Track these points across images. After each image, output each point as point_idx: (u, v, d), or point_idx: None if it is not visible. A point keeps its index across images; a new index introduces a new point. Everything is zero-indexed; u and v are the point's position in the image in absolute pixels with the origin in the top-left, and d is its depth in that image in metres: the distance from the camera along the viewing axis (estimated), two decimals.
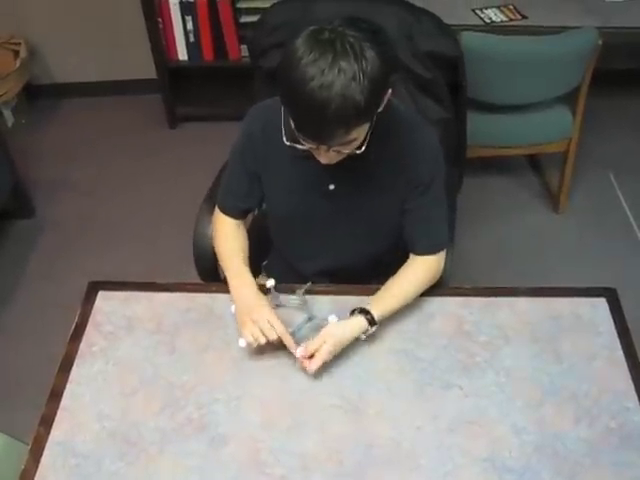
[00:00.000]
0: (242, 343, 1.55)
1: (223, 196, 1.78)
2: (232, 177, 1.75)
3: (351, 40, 1.29)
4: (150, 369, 1.56)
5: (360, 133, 1.41)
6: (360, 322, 1.56)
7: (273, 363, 1.57)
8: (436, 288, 1.71)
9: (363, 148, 1.46)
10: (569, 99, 2.86)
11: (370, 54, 1.30)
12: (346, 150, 1.44)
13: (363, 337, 1.58)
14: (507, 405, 1.48)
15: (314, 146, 1.42)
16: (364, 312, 1.57)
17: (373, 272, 1.83)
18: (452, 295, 1.71)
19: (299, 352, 1.52)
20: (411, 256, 1.70)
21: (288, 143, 1.48)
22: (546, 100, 2.84)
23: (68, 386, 1.53)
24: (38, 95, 3.93)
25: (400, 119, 1.61)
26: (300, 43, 1.31)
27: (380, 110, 1.43)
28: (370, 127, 1.44)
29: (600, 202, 3.26)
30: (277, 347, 1.56)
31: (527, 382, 1.52)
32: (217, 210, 1.79)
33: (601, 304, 1.68)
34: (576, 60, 2.64)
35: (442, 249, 1.70)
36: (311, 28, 1.33)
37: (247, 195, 1.74)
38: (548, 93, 2.79)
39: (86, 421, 1.47)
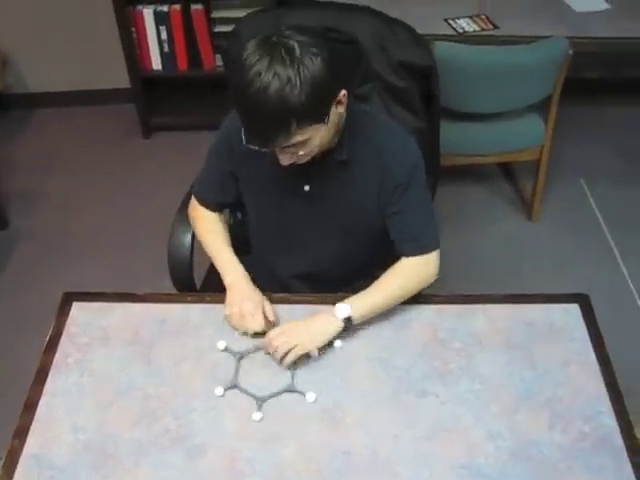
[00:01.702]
0: (221, 345, 1.57)
1: (199, 186, 1.82)
2: (209, 170, 1.79)
3: (292, 45, 1.35)
4: (126, 380, 1.55)
5: (311, 134, 1.42)
6: (325, 310, 1.59)
7: (250, 372, 1.56)
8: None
9: (344, 155, 1.54)
10: (541, 107, 2.89)
11: (312, 59, 1.35)
12: (302, 151, 1.45)
13: (334, 322, 1.58)
14: (482, 411, 1.49)
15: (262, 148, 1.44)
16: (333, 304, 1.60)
17: (352, 278, 1.84)
18: (427, 303, 1.72)
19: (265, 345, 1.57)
20: (401, 258, 1.70)
21: (246, 145, 1.49)
22: (518, 109, 2.87)
23: (43, 398, 1.52)
24: (10, 105, 3.89)
25: (377, 123, 1.66)
26: (249, 46, 1.37)
27: (339, 111, 1.48)
28: (330, 128, 1.47)
29: (572, 209, 3.29)
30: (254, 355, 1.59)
31: (502, 388, 1.53)
32: (193, 202, 1.82)
33: (574, 310, 1.70)
34: (548, 69, 2.67)
35: (430, 251, 1.69)
36: (265, 33, 1.38)
37: (221, 189, 1.77)
38: (520, 102, 2.83)
39: (61, 433, 1.45)
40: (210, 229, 1.79)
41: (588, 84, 3.67)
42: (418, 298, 1.72)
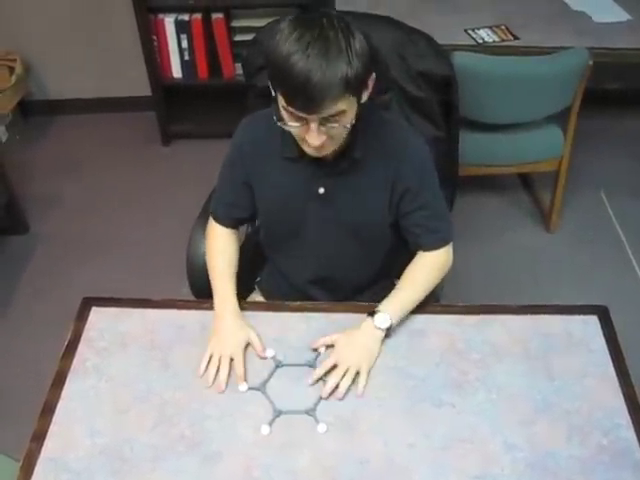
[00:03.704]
0: (265, 431, 1.48)
1: (215, 204, 1.81)
2: (223, 186, 1.79)
3: (337, 20, 1.39)
4: (143, 385, 1.55)
5: (348, 107, 1.43)
6: (367, 322, 1.60)
7: (266, 380, 1.57)
8: (428, 305, 1.71)
9: (359, 153, 1.56)
10: (560, 118, 2.88)
11: (356, 33, 1.40)
12: (334, 128, 1.45)
13: (379, 334, 1.60)
14: (499, 422, 1.48)
15: (304, 120, 1.43)
16: (371, 314, 1.61)
17: (368, 283, 1.86)
18: (444, 313, 1.71)
19: (316, 375, 1.55)
20: (418, 253, 1.73)
21: (280, 124, 1.50)
22: (537, 119, 2.86)
23: (60, 402, 1.52)
24: (33, 111, 3.94)
25: (388, 123, 1.68)
26: (285, 25, 1.40)
27: (364, 98, 1.49)
28: (358, 107, 1.48)
29: (592, 221, 3.27)
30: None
31: (519, 399, 1.52)
32: (210, 219, 1.82)
33: (593, 322, 1.69)
34: (567, 80, 2.66)
35: (448, 242, 1.74)
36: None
37: (237, 205, 1.77)
38: (539, 112, 2.82)
39: (78, 437, 1.46)
40: (219, 250, 1.77)
41: (608, 95, 3.67)
42: (435, 308, 1.72)
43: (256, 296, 1.98)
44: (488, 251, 3.10)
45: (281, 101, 1.45)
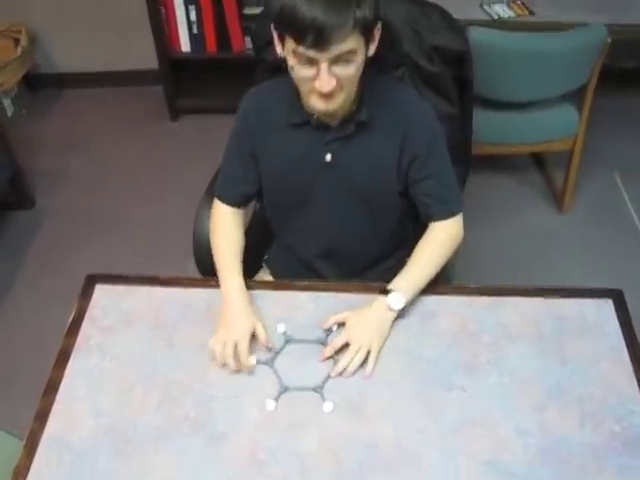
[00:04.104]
0: (270, 406, 1.45)
1: (220, 183, 1.78)
2: (229, 163, 1.76)
3: None
4: (147, 364, 1.53)
5: (357, 47, 1.42)
6: (379, 301, 1.57)
7: (275, 355, 1.54)
8: (440, 286, 1.68)
9: (365, 116, 1.57)
10: (575, 97, 2.83)
11: None
12: (344, 69, 1.43)
13: (391, 314, 1.57)
14: (511, 407, 1.45)
15: (314, 63, 1.41)
16: (384, 292, 1.58)
17: (376, 257, 1.84)
18: (456, 294, 1.67)
19: (327, 353, 1.53)
20: (430, 225, 1.71)
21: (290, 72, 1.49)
22: (552, 98, 2.81)
23: (64, 381, 1.50)
24: (39, 85, 3.91)
25: (396, 89, 1.68)
26: None
27: (370, 51, 1.49)
28: (365, 58, 1.47)
29: (605, 202, 3.23)
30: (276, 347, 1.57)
31: (531, 383, 1.49)
32: (215, 202, 1.78)
33: (607, 305, 1.65)
34: (584, 57, 2.61)
35: (458, 212, 1.72)
36: None
37: (244, 179, 1.74)
38: (555, 90, 2.76)
39: (82, 417, 1.44)
40: (222, 232, 1.73)
41: (625, 74, 3.59)
42: (446, 289, 1.69)
43: (264, 274, 1.95)
44: (499, 231, 3.06)
45: (289, 45, 1.42)
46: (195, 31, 3.43)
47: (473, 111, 2.08)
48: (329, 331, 1.59)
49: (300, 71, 1.45)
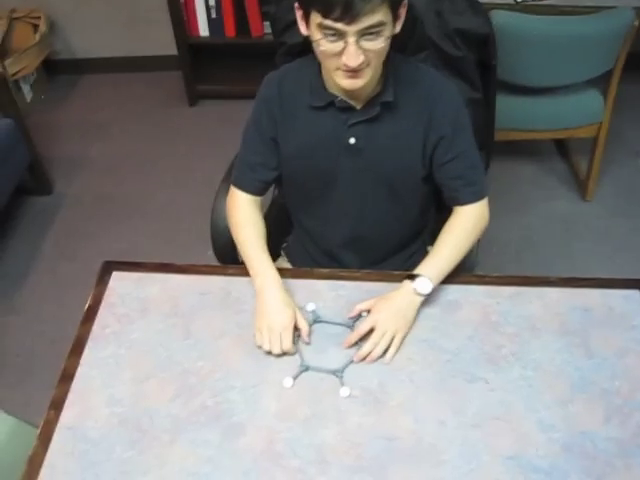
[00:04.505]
0: (288, 383, 1.45)
1: (239, 171, 1.74)
2: (248, 149, 1.72)
3: None
4: (164, 354, 1.51)
5: (386, 20, 1.38)
6: (406, 286, 1.54)
7: (287, 356, 1.51)
8: (462, 275, 1.64)
9: (391, 97, 1.54)
10: (600, 83, 2.78)
11: None
12: (373, 44, 1.40)
13: (418, 299, 1.55)
14: (534, 400, 1.41)
15: (342, 36, 1.37)
16: (410, 277, 1.55)
17: (399, 245, 1.82)
18: (479, 284, 1.64)
19: (352, 339, 1.51)
20: (455, 209, 1.67)
21: (314, 45, 1.45)
22: (577, 83, 2.75)
23: (79, 369, 1.48)
24: (57, 70, 3.91)
25: (420, 70, 1.64)
26: None
27: (398, 29, 1.46)
28: (386, 48, 1.44)
29: (629, 190, 3.17)
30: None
31: (556, 376, 1.45)
32: (232, 190, 1.74)
33: (634, 296, 1.61)
34: (610, 41, 2.55)
35: (484, 195, 1.68)
36: None
37: (263, 165, 1.70)
38: (580, 76, 2.71)
39: (97, 406, 1.42)
40: (245, 221, 1.69)
41: None
42: (469, 278, 1.65)
43: (282, 262, 1.92)
44: (521, 218, 3.02)
45: (316, 19, 1.38)
46: (214, 16, 3.41)
47: (496, 96, 2.04)
48: (357, 316, 1.57)
49: (326, 46, 1.41)
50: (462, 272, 1.65)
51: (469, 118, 1.65)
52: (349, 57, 1.39)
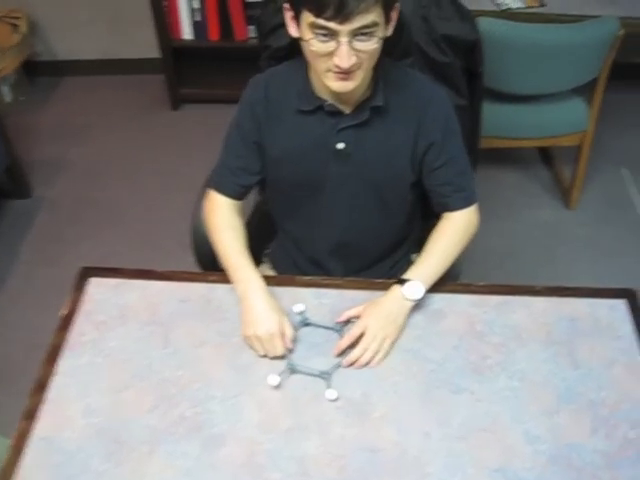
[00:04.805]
0: (273, 381, 1.42)
1: (218, 174, 1.71)
2: (229, 152, 1.68)
3: None
4: (142, 362, 1.47)
5: (379, 20, 1.37)
6: (395, 291, 1.52)
7: (273, 360, 1.48)
8: (447, 284, 1.62)
9: (381, 101, 1.52)
10: (585, 91, 2.77)
11: None
12: (365, 45, 1.38)
13: (408, 305, 1.53)
14: (520, 411, 1.39)
15: (334, 36, 1.35)
16: (399, 282, 1.53)
17: (384, 254, 1.80)
18: (464, 292, 1.62)
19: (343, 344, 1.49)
20: (445, 216, 1.66)
21: (305, 44, 1.42)
22: (562, 91, 2.75)
23: (55, 378, 1.44)
24: (38, 72, 3.85)
25: (410, 75, 1.63)
26: None
27: (390, 32, 1.44)
28: (377, 52, 1.42)
29: (612, 199, 3.17)
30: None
31: (542, 387, 1.43)
32: (211, 193, 1.71)
33: (621, 306, 1.59)
34: (596, 50, 2.55)
35: (475, 201, 1.68)
36: None
37: (245, 169, 1.66)
38: (565, 84, 2.71)
39: (73, 416, 1.38)
40: (224, 225, 1.65)
41: (634, 70, 3.54)
42: (454, 287, 1.63)
43: (264, 269, 1.89)
44: (505, 226, 3.01)
45: (307, 18, 1.36)
46: (198, 18, 3.38)
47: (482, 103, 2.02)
48: (344, 323, 1.54)
49: (317, 46, 1.38)
50: (447, 280, 1.63)
51: (458, 124, 1.64)
52: (341, 58, 1.37)
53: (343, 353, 1.48)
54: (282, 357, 1.47)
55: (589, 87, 2.72)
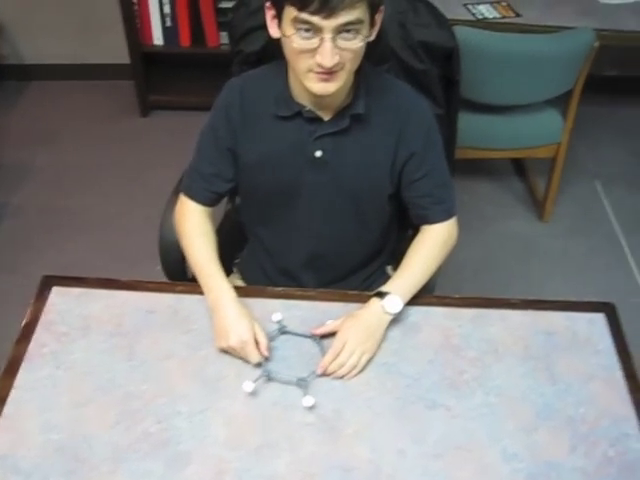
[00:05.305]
0: (248, 387, 1.37)
1: (190, 179, 1.66)
2: (201, 158, 1.63)
3: None
4: (105, 376, 1.41)
5: (364, 19, 1.34)
6: (374, 304, 1.48)
7: (242, 373, 1.42)
8: (422, 296, 1.58)
9: (361, 109, 1.49)
10: (560, 103, 2.77)
11: None
12: (349, 43, 1.34)
13: (387, 318, 1.49)
14: (498, 428, 1.35)
15: (317, 32, 1.31)
16: (378, 295, 1.49)
17: (359, 266, 1.76)
18: (439, 305, 1.58)
19: (327, 362, 1.43)
20: (423, 228, 1.63)
21: (286, 40, 1.37)
22: (537, 103, 2.74)
23: (12, 392, 1.37)
24: (4, 76, 3.77)
25: (391, 83, 1.60)
26: None
27: (373, 37, 1.41)
28: (360, 54, 1.40)
29: (586, 211, 3.17)
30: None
31: (519, 403, 1.39)
32: (182, 198, 1.66)
33: (599, 320, 1.56)
34: (570, 62, 2.54)
35: (454, 213, 1.65)
36: None
37: (217, 175, 1.62)
38: (539, 95, 2.70)
39: (31, 433, 1.31)
40: (195, 232, 1.61)
41: (608, 83, 3.56)
42: (429, 299, 1.59)
43: (234, 279, 1.84)
44: (478, 239, 2.98)
45: (290, 13, 1.32)
46: (168, 24, 3.32)
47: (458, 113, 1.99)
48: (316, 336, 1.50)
49: (299, 42, 1.34)
50: (422, 293, 1.58)
51: (440, 134, 1.61)
52: (324, 55, 1.32)
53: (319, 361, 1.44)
54: (258, 365, 1.42)
55: (564, 99, 2.71)
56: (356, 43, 1.35)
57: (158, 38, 3.38)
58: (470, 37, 2.36)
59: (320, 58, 1.33)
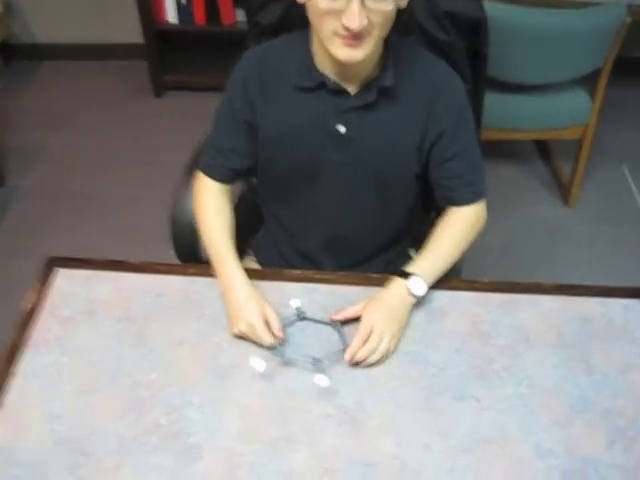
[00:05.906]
0: (260, 366, 1.31)
1: (208, 155, 1.59)
2: (218, 132, 1.56)
3: None
4: (113, 364, 1.34)
5: None
6: (398, 285, 1.41)
7: (257, 358, 1.34)
8: (449, 280, 1.50)
9: (390, 81, 1.41)
10: (588, 83, 2.68)
11: None
12: (380, 5, 1.26)
13: (411, 301, 1.42)
14: (530, 422, 1.27)
15: None
16: (402, 275, 1.42)
17: (380, 249, 1.68)
18: (466, 289, 1.50)
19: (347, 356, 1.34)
20: (451, 209, 1.55)
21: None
22: (564, 81, 2.66)
23: (14, 380, 1.31)
24: (15, 55, 3.74)
25: (423, 55, 1.51)
26: None
27: (404, 5, 1.33)
28: (391, 20, 1.32)
29: (612, 196, 3.08)
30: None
31: (553, 395, 1.31)
32: (199, 175, 1.59)
33: (634, 306, 1.48)
34: (600, 38, 2.46)
35: (484, 196, 1.57)
36: None
37: (235, 151, 1.55)
38: (568, 73, 2.61)
39: (33, 423, 1.25)
40: (211, 210, 1.55)
41: (635, 65, 3.46)
42: (456, 283, 1.51)
43: (249, 262, 1.76)
44: (501, 223, 2.90)
45: None
46: (183, 1, 3.27)
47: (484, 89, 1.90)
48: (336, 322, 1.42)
49: (325, 3, 1.26)
50: (448, 276, 1.50)
51: (472, 112, 1.53)
52: (351, 17, 1.24)
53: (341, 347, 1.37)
54: (273, 348, 1.36)
55: (592, 79, 2.63)
56: (387, 5, 1.26)
57: (172, 16, 3.34)
58: (497, 11, 2.28)
59: (347, 20, 1.24)
